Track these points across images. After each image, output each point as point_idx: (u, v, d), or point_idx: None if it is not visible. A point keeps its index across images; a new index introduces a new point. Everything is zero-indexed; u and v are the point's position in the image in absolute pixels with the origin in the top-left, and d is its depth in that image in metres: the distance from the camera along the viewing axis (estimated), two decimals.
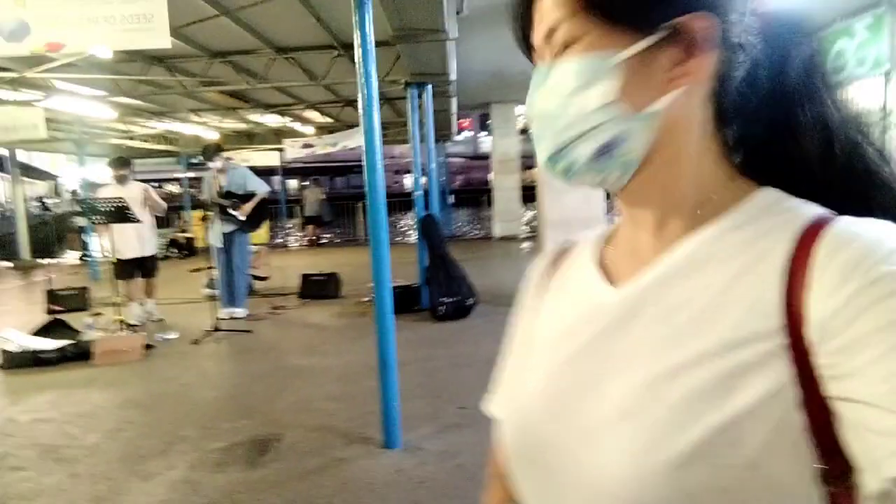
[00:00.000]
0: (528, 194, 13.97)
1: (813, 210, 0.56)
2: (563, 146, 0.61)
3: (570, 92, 0.59)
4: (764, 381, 0.51)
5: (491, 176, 16.47)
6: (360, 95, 3.56)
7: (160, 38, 4.29)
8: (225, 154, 7.65)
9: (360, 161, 3.74)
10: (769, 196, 0.60)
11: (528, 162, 17.80)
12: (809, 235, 0.53)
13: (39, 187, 25.21)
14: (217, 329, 6.64)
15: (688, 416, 0.52)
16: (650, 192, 0.62)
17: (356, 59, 3.55)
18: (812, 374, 0.50)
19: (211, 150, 7.41)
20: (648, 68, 0.57)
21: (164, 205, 7.66)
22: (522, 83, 0.79)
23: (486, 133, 39.88)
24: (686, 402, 0.53)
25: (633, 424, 0.55)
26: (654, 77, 0.57)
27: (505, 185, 15.58)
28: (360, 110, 3.59)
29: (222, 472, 3.53)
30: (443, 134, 16.33)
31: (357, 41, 3.51)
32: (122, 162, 7.33)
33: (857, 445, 0.48)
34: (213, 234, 7.44)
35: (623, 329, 0.61)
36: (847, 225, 0.53)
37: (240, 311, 7.53)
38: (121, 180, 7.17)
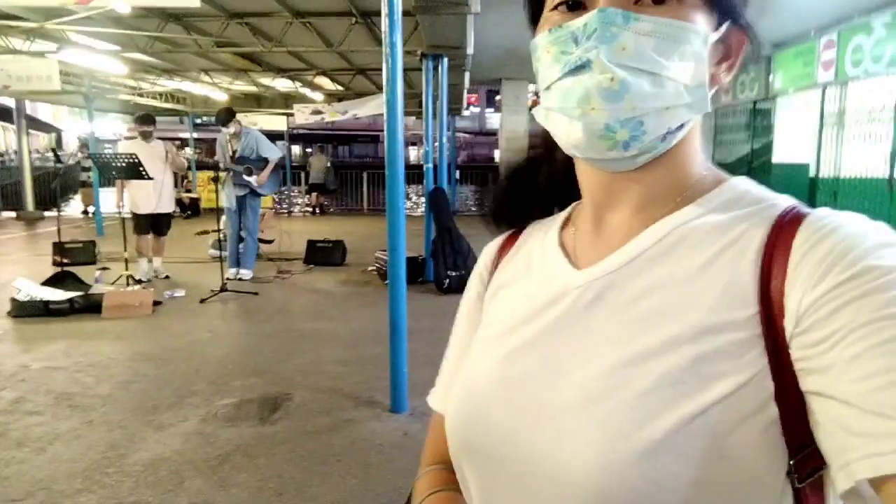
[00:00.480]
0: None
1: (786, 200, 0.56)
2: (642, 115, 0.53)
3: (670, 55, 0.53)
4: (737, 370, 0.49)
5: (497, 153, 16.44)
6: (384, 66, 3.59)
7: None
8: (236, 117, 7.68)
9: (365, 130, 3.79)
10: (740, 185, 0.60)
11: (535, 140, 17.76)
12: (787, 225, 0.53)
13: (42, 139, 25.11)
14: (224, 289, 6.72)
15: (658, 403, 0.50)
16: (654, 176, 0.59)
17: (382, 30, 3.57)
18: (787, 366, 0.49)
19: (225, 114, 7.44)
20: (708, 59, 0.57)
21: (185, 163, 7.73)
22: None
23: (492, 109, 39.70)
24: (656, 388, 0.51)
25: (600, 411, 0.52)
26: (709, 69, 0.57)
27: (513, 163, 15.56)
28: (385, 81, 3.62)
29: (234, 427, 3.62)
30: (453, 108, 16.28)
31: (384, 10, 3.53)
32: (148, 119, 7.39)
33: (828, 442, 0.47)
34: (225, 196, 7.52)
35: (589, 312, 0.59)
36: (825, 216, 0.52)
37: (247, 273, 7.65)
38: (145, 136, 7.23)
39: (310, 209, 17.16)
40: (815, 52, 9.08)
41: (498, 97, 15.58)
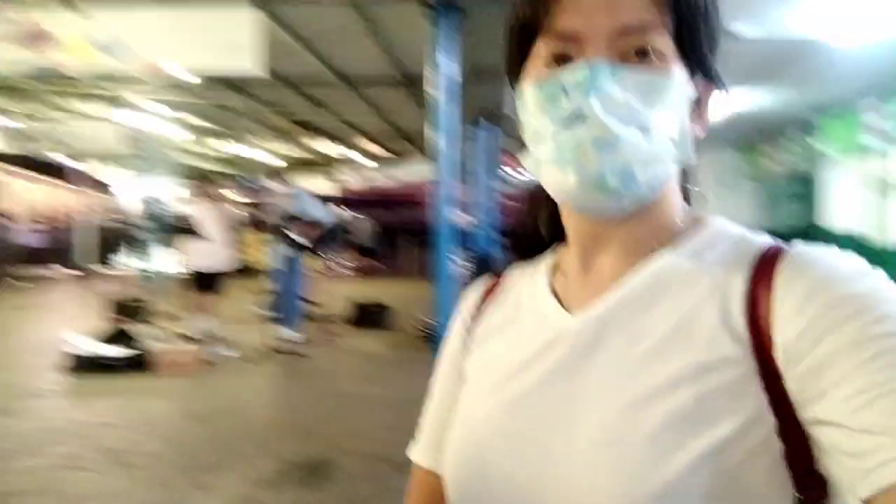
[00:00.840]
0: None
1: (763, 238, 0.59)
2: (633, 166, 0.55)
3: (656, 108, 0.56)
4: (740, 407, 0.51)
5: None
6: (436, 134, 3.67)
7: (251, 67, 4.52)
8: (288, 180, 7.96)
9: (411, 193, 3.83)
10: (718, 224, 0.63)
11: None
12: (768, 262, 0.55)
13: (104, 200, 26.25)
14: (272, 349, 6.77)
15: (668, 444, 0.51)
16: (640, 221, 0.61)
17: (434, 97, 3.67)
18: (785, 399, 0.50)
19: (279, 174, 7.72)
20: (688, 111, 0.60)
21: (241, 223, 8.00)
22: None
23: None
24: (665, 428, 0.51)
25: (611, 456, 0.53)
26: (687, 115, 0.60)
27: None
28: (437, 147, 3.70)
29: (278, 492, 3.58)
30: (497, 172, 16.48)
31: (432, 80, 3.64)
32: (207, 181, 7.80)
33: (834, 469, 0.48)
34: (274, 256, 7.68)
35: (588, 357, 0.59)
36: (803, 252, 0.55)
37: (293, 334, 7.68)
38: (204, 198, 7.52)
39: (356, 271, 17.36)
40: (860, 117, 8.96)
41: None
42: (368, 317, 8.83)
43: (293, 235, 7.53)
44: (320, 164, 17.30)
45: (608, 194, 0.55)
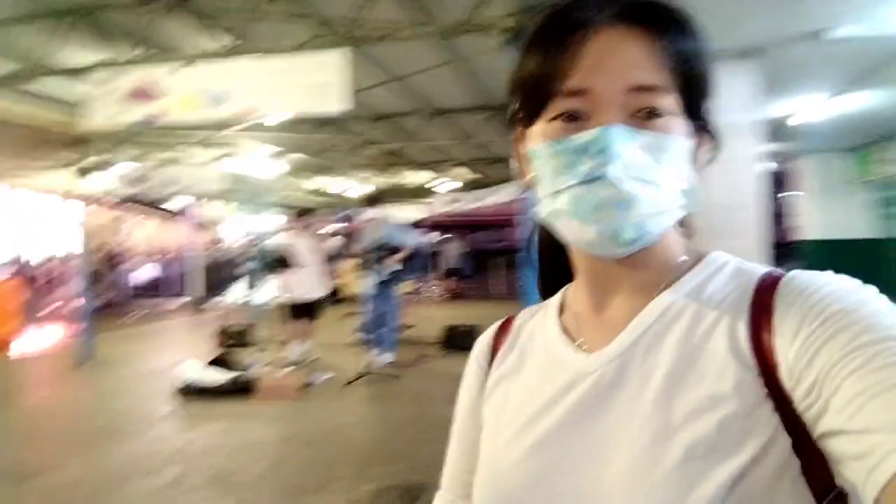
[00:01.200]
0: None
1: (760, 268, 0.63)
2: (646, 218, 0.60)
3: (666, 165, 0.60)
4: (759, 430, 0.53)
5: None
6: None
7: (341, 104, 4.72)
8: (378, 207, 8.21)
9: (500, 216, 3.83)
10: (720, 258, 0.66)
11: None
12: (767, 289, 0.58)
13: (212, 233, 27.91)
14: (367, 373, 6.92)
15: (695, 473, 0.53)
16: (647, 261, 0.65)
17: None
18: (796, 419, 0.52)
19: (369, 203, 7.99)
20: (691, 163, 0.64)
21: (332, 251, 8.35)
22: None
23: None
24: (688, 459, 0.54)
25: (642, 490, 0.55)
26: (691, 166, 0.64)
27: None
28: None
29: None
30: None
31: None
32: (303, 213, 8.28)
33: (847, 476, 0.50)
34: (365, 282, 7.90)
35: (608, 396, 0.61)
36: (797, 276, 0.58)
37: (387, 356, 7.86)
38: (300, 229, 7.91)
39: (446, 294, 17.50)
40: None
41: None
42: (459, 339, 8.85)
43: (383, 262, 7.73)
44: (410, 190, 17.67)
45: (622, 243, 0.60)
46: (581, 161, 0.59)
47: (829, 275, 0.58)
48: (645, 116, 0.59)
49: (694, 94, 0.63)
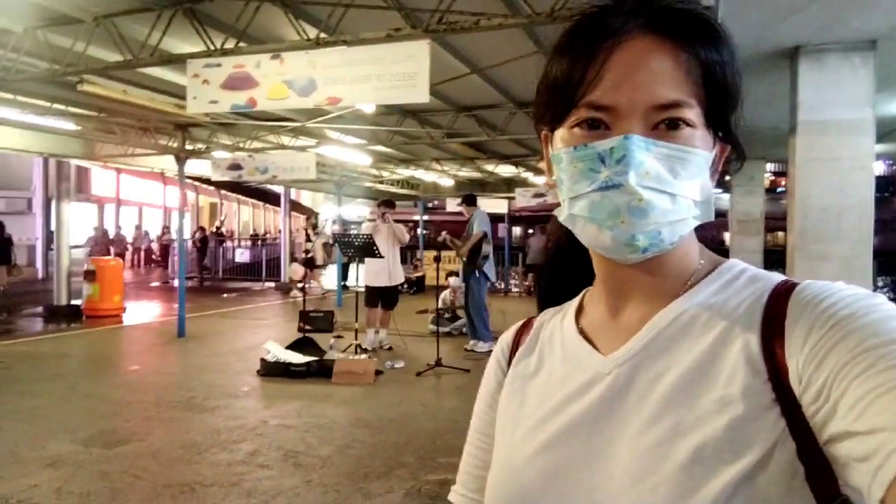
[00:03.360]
0: (772, 258, 12.71)
1: (776, 276, 0.64)
2: (661, 227, 0.61)
3: (683, 176, 0.61)
4: (765, 434, 0.54)
5: (727, 236, 15.33)
6: None
7: (420, 94, 4.74)
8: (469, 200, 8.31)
9: None
10: (736, 266, 0.67)
11: (773, 224, 16.27)
12: (781, 298, 0.60)
13: (302, 221, 28.90)
14: (438, 364, 6.96)
15: (701, 474, 0.54)
16: (663, 267, 0.66)
17: None
18: (803, 424, 0.53)
19: (466, 200, 8.15)
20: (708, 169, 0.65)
21: (407, 238, 8.47)
22: (774, 139, 0.72)
23: (720, 190, 37.46)
24: (696, 460, 0.55)
25: (647, 488, 0.56)
26: (709, 177, 0.65)
27: (745, 248, 14.36)
28: None
29: (436, 503, 3.64)
30: None
31: None
32: (386, 203, 8.37)
33: (853, 480, 0.50)
34: (456, 273, 8.18)
35: (622, 397, 0.63)
36: (810, 285, 0.59)
37: (481, 345, 7.96)
38: (383, 218, 8.07)
39: (526, 289, 17.35)
40: None
41: (728, 177, 14.66)
42: None
43: (460, 252, 7.79)
44: (493, 183, 17.61)
45: (636, 250, 0.62)
46: (600, 168, 0.60)
47: (840, 284, 0.59)
48: (666, 128, 0.60)
49: (719, 106, 0.63)
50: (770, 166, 13.64)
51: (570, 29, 0.65)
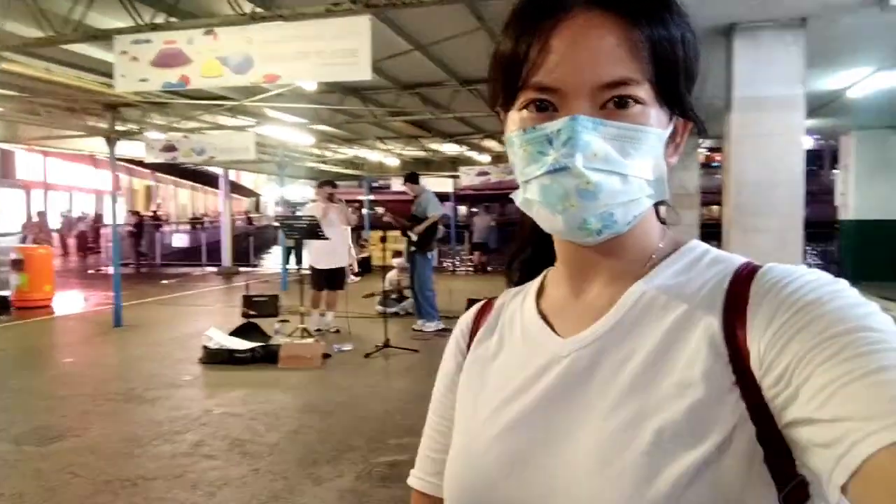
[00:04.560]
0: (708, 232, 13.13)
1: (738, 258, 0.63)
2: (613, 208, 0.59)
3: (634, 156, 0.60)
4: (726, 417, 0.54)
5: (663, 210, 15.74)
6: None
7: (362, 71, 4.62)
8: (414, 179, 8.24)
9: None
10: (698, 247, 0.67)
11: (708, 198, 16.79)
12: (743, 280, 0.59)
13: (243, 203, 28.23)
14: (387, 345, 6.92)
15: (662, 458, 0.54)
16: (622, 249, 0.65)
17: None
18: (763, 408, 0.53)
19: (410, 178, 8.08)
20: (663, 151, 0.64)
21: (354, 219, 8.39)
22: (710, 115, 0.72)
23: None
24: (658, 444, 0.54)
25: (610, 473, 0.55)
26: (662, 155, 0.64)
27: (682, 221, 14.81)
28: None
29: (386, 488, 3.62)
30: None
31: None
32: (327, 183, 8.23)
33: (813, 464, 0.50)
34: (400, 253, 8.11)
35: (583, 380, 0.62)
36: (773, 268, 0.59)
37: (428, 325, 7.97)
38: (327, 200, 7.95)
39: (472, 267, 17.45)
40: None
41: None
42: None
43: (408, 231, 7.75)
44: (438, 162, 17.55)
45: (590, 233, 0.61)
46: (548, 151, 0.60)
47: (803, 268, 0.58)
48: (615, 106, 0.59)
49: (672, 82, 0.61)
50: (705, 142, 14.01)
51: (516, 5, 0.63)
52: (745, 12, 5.27)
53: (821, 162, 33.59)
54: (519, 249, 0.83)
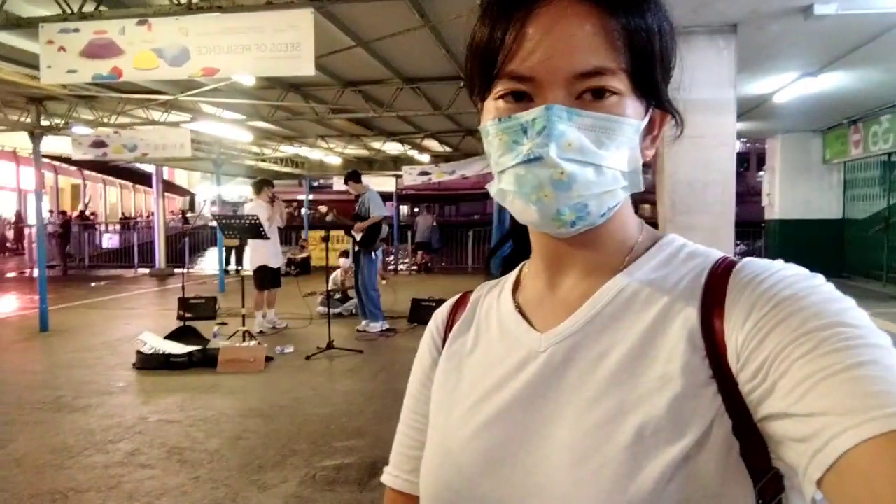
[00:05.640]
0: None
1: (714, 252, 0.64)
2: (587, 199, 0.59)
3: (609, 146, 0.59)
4: (704, 411, 0.54)
5: None
6: None
7: (305, 66, 4.53)
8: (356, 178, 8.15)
9: (472, 189, 3.74)
10: (675, 241, 0.66)
11: (636, 195, 17.29)
12: (720, 275, 0.59)
13: (177, 202, 27.32)
14: (330, 346, 6.81)
15: (643, 453, 0.53)
16: (598, 241, 0.65)
17: None
18: (739, 401, 0.53)
19: (352, 177, 7.95)
20: (639, 142, 0.63)
21: (285, 216, 8.30)
22: None
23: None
24: (638, 439, 0.54)
25: (590, 470, 0.55)
26: (638, 147, 0.63)
27: None
28: None
29: (332, 492, 3.55)
30: None
31: None
32: (265, 182, 8.07)
33: (789, 458, 0.50)
34: (345, 253, 8.03)
35: (560, 375, 0.61)
36: (750, 263, 0.59)
37: (373, 325, 7.88)
38: (266, 198, 7.82)
39: (415, 267, 17.42)
40: None
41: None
42: (425, 312, 8.77)
43: (352, 231, 7.67)
44: (381, 161, 17.43)
45: (563, 224, 0.60)
46: (523, 141, 0.59)
47: (780, 263, 0.58)
48: (591, 97, 0.58)
49: (648, 72, 0.61)
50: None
51: None
52: (679, 16, 5.33)
53: (747, 164, 35.08)
54: (499, 244, 0.83)
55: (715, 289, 0.58)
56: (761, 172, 14.81)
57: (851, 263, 12.17)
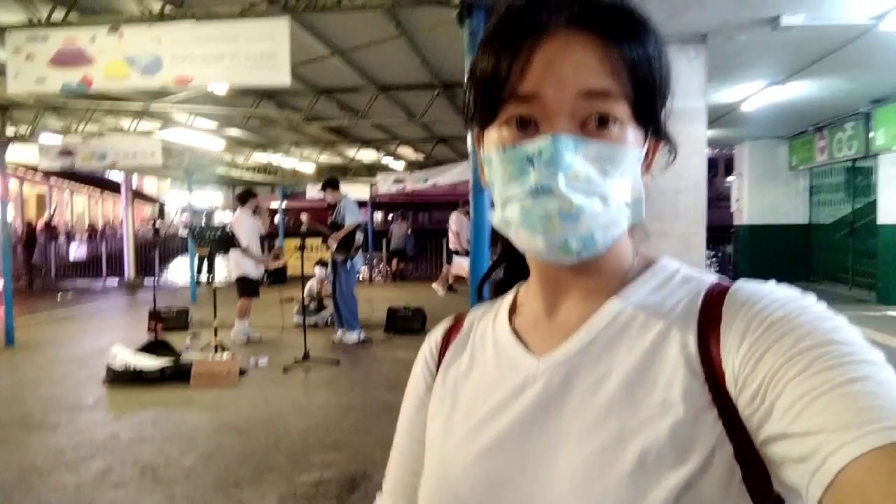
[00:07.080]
0: None
1: (708, 276, 0.64)
2: (593, 230, 0.59)
3: (614, 176, 0.60)
4: (705, 437, 0.54)
5: None
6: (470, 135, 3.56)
7: (281, 76, 4.47)
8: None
9: (446, 196, 3.76)
10: (669, 265, 0.67)
11: None
12: (715, 299, 0.59)
13: (146, 211, 26.85)
14: (306, 358, 6.73)
15: (646, 480, 0.53)
16: (597, 268, 0.65)
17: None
18: (740, 426, 0.53)
19: (330, 184, 7.91)
20: (639, 167, 0.64)
21: (277, 228, 8.26)
22: None
23: None
24: (640, 466, 0.54)
25: (593, 496, 0.55)
26: (639, 175, 0.64)
27: None
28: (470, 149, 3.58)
29: None
30: None
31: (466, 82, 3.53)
32: (244, 190, 8.16)
33: (790, 479, 0.50)
34: (322, 262, 7.99)
35: (559, 400, 0.61)
36: (743, 287, 0.60)
37: (350, 335, 7.82)
38: (241, 207, 7.78)
39: (390, 275, 17.34)
40: None
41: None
42: (401, 322, 8.73)
43: (329, 239, 7.63)
44: (355, 169, 17.34)
45: (570, 254, 0.60)
46: (529, 170, 0.59)
47: (772, 285, 0.59)
48: (596, 124, 0.59)
49: (648, 101, 0.62)
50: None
51: (495, 25, 0.63)
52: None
53: (715, 170, 35.67)
54: (493, 268, 0.83)
55: (710, 314, 0.59)
56: (729, 178, 15.02)
57: (818, 267, 12.44)
